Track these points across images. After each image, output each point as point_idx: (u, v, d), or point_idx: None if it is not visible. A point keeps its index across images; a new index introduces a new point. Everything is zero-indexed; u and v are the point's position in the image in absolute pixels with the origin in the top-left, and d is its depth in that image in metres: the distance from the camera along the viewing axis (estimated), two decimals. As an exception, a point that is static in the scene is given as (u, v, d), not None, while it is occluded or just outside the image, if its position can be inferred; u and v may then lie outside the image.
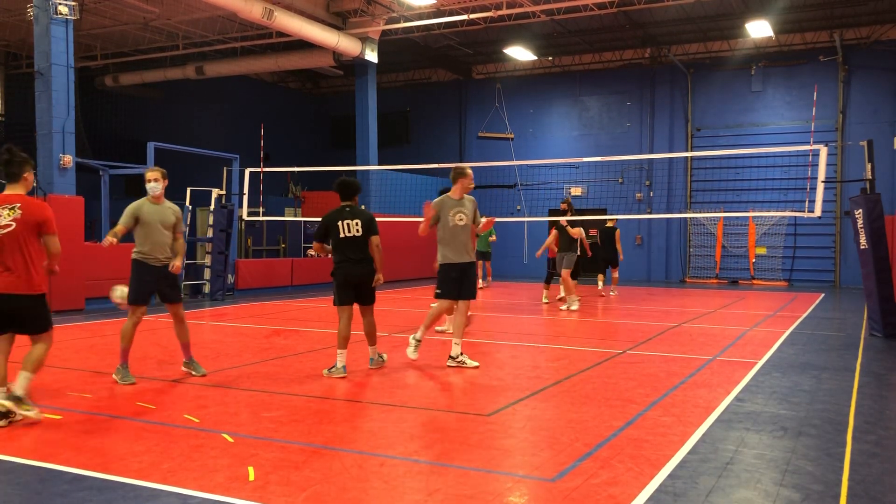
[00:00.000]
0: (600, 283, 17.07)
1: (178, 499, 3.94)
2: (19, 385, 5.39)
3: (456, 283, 7.65)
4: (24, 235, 5.41)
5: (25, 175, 5.59)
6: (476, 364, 7.70)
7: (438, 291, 7.70)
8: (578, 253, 13.94)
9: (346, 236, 7.19)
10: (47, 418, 5.56)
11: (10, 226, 5.37)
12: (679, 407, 6.05)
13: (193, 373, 7.18)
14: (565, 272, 13.67)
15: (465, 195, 7.76)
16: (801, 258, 21.28)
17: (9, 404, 5.28)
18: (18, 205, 5.44)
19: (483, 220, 7.87)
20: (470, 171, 7.72)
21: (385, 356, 7.96)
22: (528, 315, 13.11)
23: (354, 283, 7.24)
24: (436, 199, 7.76)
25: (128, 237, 6.90)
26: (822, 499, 4.01)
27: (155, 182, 7.00)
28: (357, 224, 7.22)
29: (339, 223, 7.21)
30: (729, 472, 4.44)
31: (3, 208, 5.41)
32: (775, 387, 6.89)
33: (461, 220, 7.61)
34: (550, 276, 15.26)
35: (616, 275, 17.21)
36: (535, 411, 5.94)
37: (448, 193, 7.80)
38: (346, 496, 4.00)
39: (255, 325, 11.20)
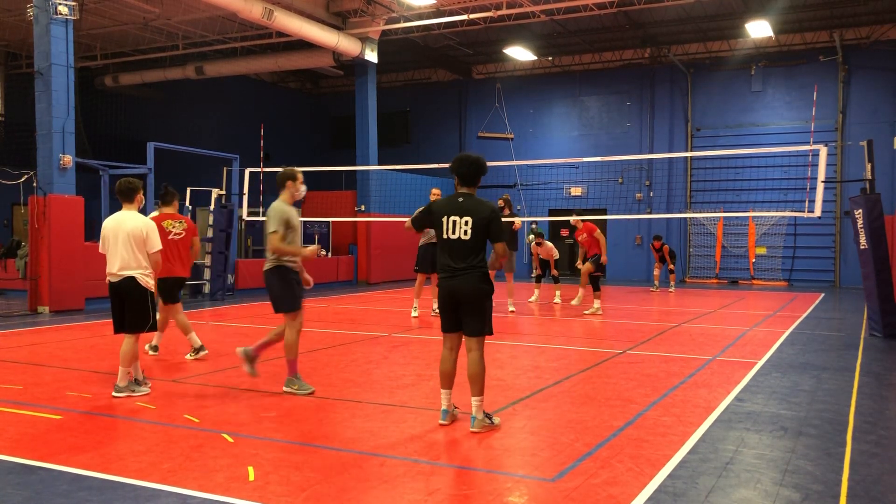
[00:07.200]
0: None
1: (178, 499, 3.94)
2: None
3: None
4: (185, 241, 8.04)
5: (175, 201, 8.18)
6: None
7: None
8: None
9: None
10: (47, 418, 5.57)
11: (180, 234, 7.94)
12: (679, 407, 6.05)
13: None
14: (509, 275, 13.60)
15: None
16: (801, 258, 21.27)
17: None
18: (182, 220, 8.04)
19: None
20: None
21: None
22: (526, 315, 13.10)
23: None
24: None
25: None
26: (822, 499, 4.01)
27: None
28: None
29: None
30: (729, 472, 4.44)
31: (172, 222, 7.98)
32: (775, 387, 6.89)
33: None
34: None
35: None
36: (535, 411, 5.94)
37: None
38: (346, 496, 4.00)
39: (255, 325, 11.19)
